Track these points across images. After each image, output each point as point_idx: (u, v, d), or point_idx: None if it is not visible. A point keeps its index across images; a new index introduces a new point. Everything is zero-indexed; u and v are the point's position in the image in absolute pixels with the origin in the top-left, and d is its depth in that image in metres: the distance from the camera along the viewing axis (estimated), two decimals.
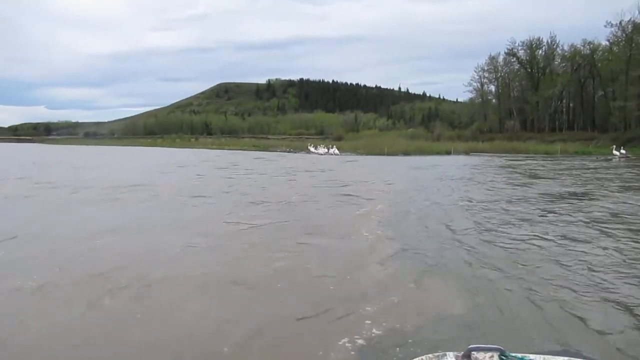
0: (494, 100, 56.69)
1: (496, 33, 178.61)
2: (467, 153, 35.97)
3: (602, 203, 9.50)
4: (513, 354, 1.31)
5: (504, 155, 33.23)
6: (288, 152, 41.73)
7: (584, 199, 10.18)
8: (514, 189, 12.36)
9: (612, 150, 29.55)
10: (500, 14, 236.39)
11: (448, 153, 35.60)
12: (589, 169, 20.20)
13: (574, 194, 11.21)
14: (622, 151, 28.67)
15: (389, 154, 33.32)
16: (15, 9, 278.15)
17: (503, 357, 1.30)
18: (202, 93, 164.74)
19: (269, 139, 71.47)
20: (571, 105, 50.29)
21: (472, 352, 1.32)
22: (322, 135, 77.54)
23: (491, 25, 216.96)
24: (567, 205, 9.21)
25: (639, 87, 38.47)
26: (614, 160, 27.20)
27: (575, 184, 13.63)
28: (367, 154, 35.23)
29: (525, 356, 1.31)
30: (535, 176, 16.39)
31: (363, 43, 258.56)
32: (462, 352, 1.34)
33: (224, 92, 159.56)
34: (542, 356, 1.35)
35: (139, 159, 31.32)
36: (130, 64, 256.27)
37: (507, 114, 54.06)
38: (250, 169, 20.63)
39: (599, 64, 45.83)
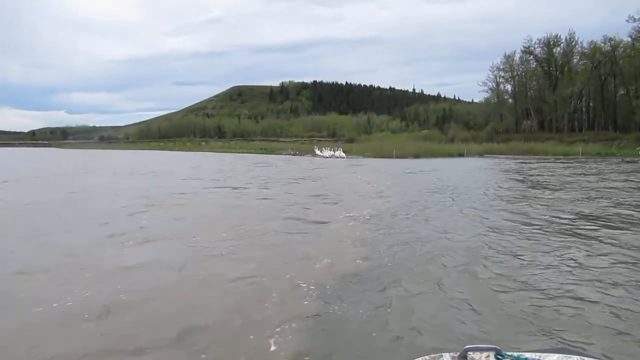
0: (510, 100, 54.90)
1: (513, 33, 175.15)
2: (481, 155, 34.53)
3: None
4: (509, 353, 1.29)
5: (519, 157, 31.58)
6: (294, 155, 40.79)
7: (620, 233, 7.03)
8: (516, 209, 9.62)
9: (638, 151, 27.72)
10: (517, 13, 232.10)
11: (461, 155, 34.17)
12: (617, 173, 18.51)
13: (603, 219, 8.25)
14: None
15: (397, 157, 32.05)
16: (35, 16, 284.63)
17: (499, 356, 1.28)
18: (216, 96, 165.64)
19: (279, 141, 70.85)
20: (591, 104, 48.23)
21: (469, 353, 1.29)
22: (334, 137, 76.50)
23: (507, 25, 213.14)
24: (589, 245, 6.33)
25: None
26: None
27: (601, 198, 11.12)
28: (375, 156, 34.08)
29: (522, 355, 1.29)
30: (549, 186, 14.57)
31: (377, 44, 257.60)
32: (459, 353, 1.31)
33: (238, 95, 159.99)
34: (538, 354, 1.31)
35: (120, 165, 29.92)
36: (146, 68, 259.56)
37: (524, 114, 52.21)
38: (230, 178, 17.91)
39: (621, 61, 43.81)
